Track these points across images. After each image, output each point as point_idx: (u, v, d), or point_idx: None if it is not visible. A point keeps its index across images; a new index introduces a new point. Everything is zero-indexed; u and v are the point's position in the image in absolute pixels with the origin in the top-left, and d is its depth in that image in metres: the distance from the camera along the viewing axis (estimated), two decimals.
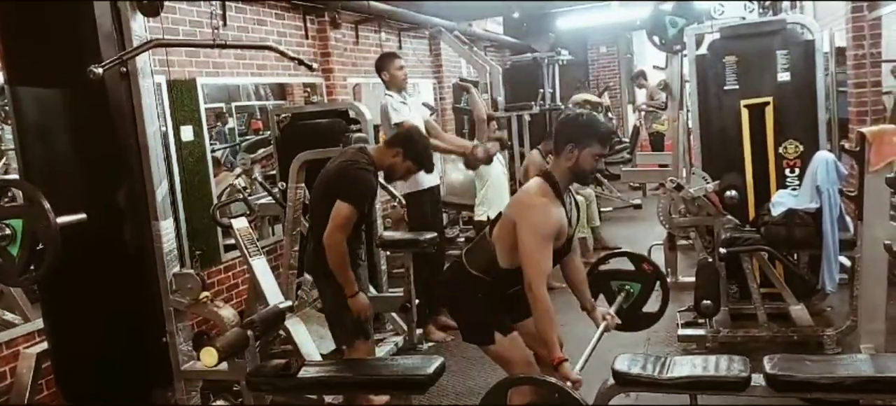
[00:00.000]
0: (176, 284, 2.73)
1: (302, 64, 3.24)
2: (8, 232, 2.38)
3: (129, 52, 2.57)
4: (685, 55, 4.62)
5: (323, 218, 3.14)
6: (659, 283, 3.06)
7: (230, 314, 2.76)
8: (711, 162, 4.34)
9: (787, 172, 4.21)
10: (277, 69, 5.53)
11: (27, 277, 2.47)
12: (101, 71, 2.43)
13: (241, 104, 6.22)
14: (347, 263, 3.12)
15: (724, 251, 3.86)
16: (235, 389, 3.07)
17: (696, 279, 3.98)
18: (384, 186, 4.73)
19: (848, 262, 3.99)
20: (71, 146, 2.66)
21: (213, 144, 5.16)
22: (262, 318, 2.75)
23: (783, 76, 4.20)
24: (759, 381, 2.37)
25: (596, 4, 9.79)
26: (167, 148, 4.24)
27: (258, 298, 3.70)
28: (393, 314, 4.40)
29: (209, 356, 2.42)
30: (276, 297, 3.41)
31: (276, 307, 2.93)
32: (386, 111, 4.54)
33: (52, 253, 2.34)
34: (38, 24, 2.54)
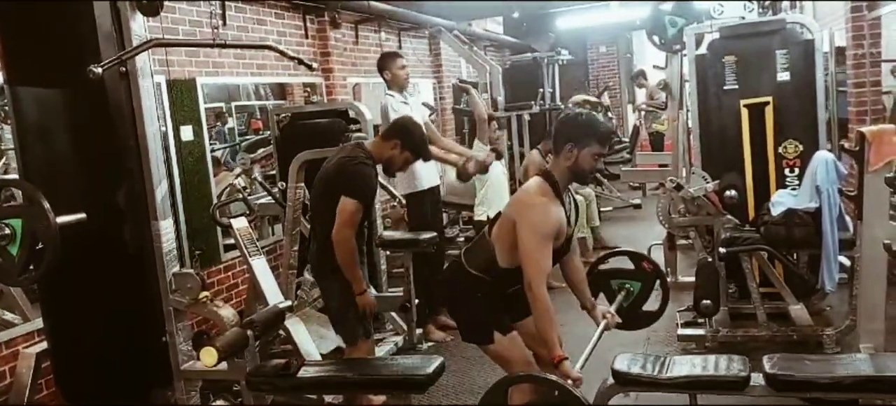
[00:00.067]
0: (175, 284, 2.73)
1: (302, 63, 3.24)
2: (7, 231, 2.39)
3: (128, 51, 2.57)
4: (685, 55, 4.63)
5: (324, 217, 3.14)
6: (659, 281, 3.07)
7: (230, 314, 2.76)
8: (711, 162, 4.34)
9: (786, 172, 4.21)
10: (277, 69, 5.53)
11: (27, 277, 2.48)
12: (100, 71, 2.43)
13: (240, 104, 6.21)
14: (357, 260, 3.14)
15: (723, 251, 3.86)
16: (235, 389, 3.07)
17: (695, 279, 3.98)
18: (384, 186, 4.73)
19: (847, 261, 3.99)
20: (70, 146, 2.66)
21: (212, 144, 5.15)
22: (261, 317, 2.75)
23: (783, 76, 4.20)
24: (758, 380, 2.38)
25: (596, 4, 9.79)
26: (167, 148, 4.24)
27: (258, 298, 3.70)
28: (392, 314, 4.39)
29: (209, 356, 2.42)
30: (275, 296, 3.41)
31: (275, 307, 2.93)
32: (387, 111, 4.54)
33: (51, 252, 2.34)
34: (37, 23, 2.54)
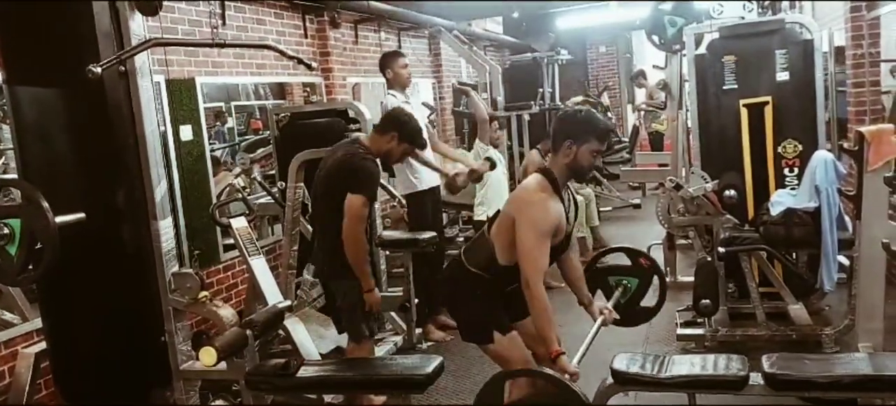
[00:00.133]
0: (175, 284, 2.73)
1: (301, 63, 3.24)
2: (7, 231, 2.39)
3: (127, 51, 2.57)
4: (684, 55, 4.62)
5: (329, 216, 3.14)
6: (656, 277, 3.06)
7: (229, 314, 2.76)
8: (710, 161, 4.34)
9: (785, 172, 4.21)
10: (277, 68, 5.52)
11: (26, 277, 2.48)
12: (99, 70, 2.43)
13: (240, 104, 6.20)
14: (367, 257, 3.14)
15: (722, 250, 3.86)
16: (234, 389, 3.07)
17: (694, 278, 3.98)
18: (384, 186, 4.73)
19: (846, 261, 3.99)
20: (70, 146, 2.66)
21: (212, 144, 5.15)
22: (261, 317, 2.76)
23: (782, 76, 4.20)
24: (757, 379, 2.38)
25: (595, 4, 9.79)
26: (166, 147, 4.24)
27: (257, 298, 3.70)
28: (392, 313, 4.40)
29: (208, 356, 2.42)
30: (275, 296, 3.42)
31: (275, 307, 2.93)
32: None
33: (50, 252, 2.35)
34: (36, 23, 2.55)
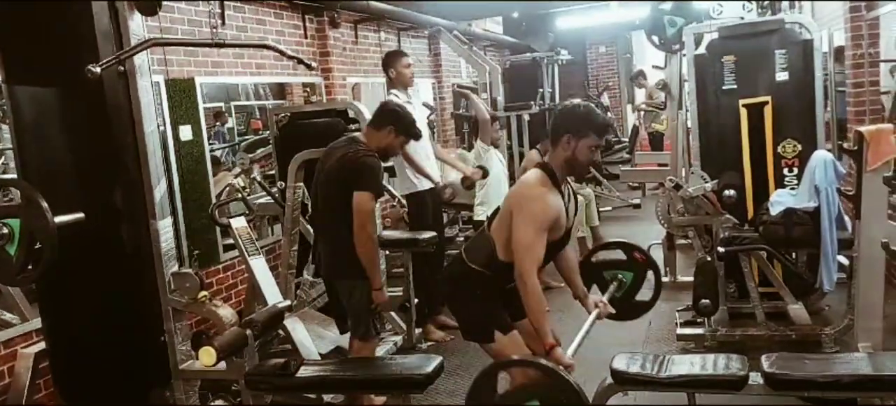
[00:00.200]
0: (174, 284, 2.73)
1: (301, 63, 3.24)
2: (6, 231, 2.39)
3: (126, 51, 2.57)
4: (684, 55, 4.62)
5: (334, 215, 3.13)
6: (651, 271, 3.06)
7: (229, 313, 2.76)
8: (710, 161, 4.34)
9: (785, 172, 4.21)
10: (276, 68, 5.52)
11: (25, 276, 2.48)
12: (98, 70, 2.43)
13: (239, 104, 6.20)
14: (378, 254, 3.14)
15: (722, 250, 3.86)
16: (234, 389, 3.07)
17: (694, 278, 3.97)
18: (384, 186, 4.73)
19: (846, 260, 3.99)
20: (69, 145, 2.67)
21: (211, 144, 5.14)
22: (260, 317, 2.76)
23: (781, 76, 4.20)
24: (757, 379, 2.38)
25: (595, 4, 9.79)
26: (165, 147, 4.23)
27: (257, 298, 3.70)
28: (392, 313, 4.40)
29: (208, 356, 2.42)
30: (274, 296, 3.42)
31: (274, 307, 2.93)
32: None
33: (49, 252, 2.34)
34: (35, 23, 2.55)
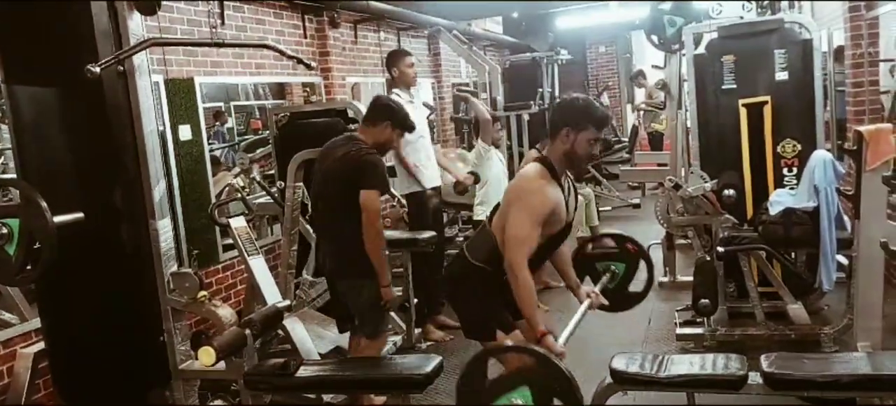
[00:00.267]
0: (173, 283, 2.73)
1: (300, 63, 3.24)
2: (5, 231, 2.39)
3: (126, 50, 2.57)
4: (683, 54, 4.62)
5: (335, 216, 3.14)
6: (644, 262, 3.05)
7: (228, 313, 2.76)
8: (709, 161, 4.34)
9: (784, 171, 4.21)
10: (276, 68, 5.52)
11: (24, 276, 2.48)
12: (98, 70, 2.43)
13: (239, 103, 6.20)
14: (386, 251, 3.14)
15: (721, 250, 3.86)
16: (233, 389, 3.07)
17: (693, 278, 3.98)
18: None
19: (845, 260, 3.99)
20: (68, 145, 2.66)
21: (211, 144, 5.14)
22: (260, 317, 2.75)
23: (781, 75, 4.20)
24: (756, 379, 2.38)
25: (595, 4, 9.79)
26: (165, 147, 4.23)
27: (256, 298, 3.70)
28: (391, 313, 4.39)
29: (207, 356, 2.42)
30: (274, 296, 3.41)
31: (274, 306, 2.93)
32: None
33: (48, 252, 2.34)
34: (35, 22, 2.54)
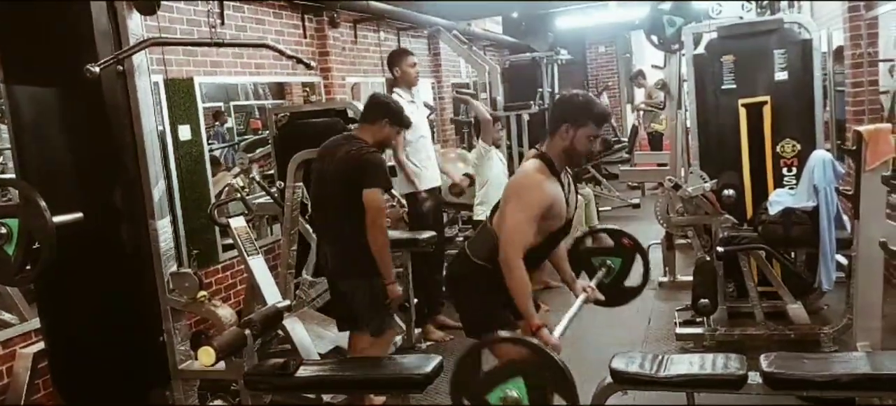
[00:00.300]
0: (173, 283, 2.73)
1: (300, 62, 3.24)
2: (4, 231, 2.38)
3: (125, 50, 2.57)
4: (683, 54, 4.62)
5: (336, 215, 3.14)
6: (639, 256, 3.05)
7: (228, 313, 2.76)
8: (709, 161, 4.34)
9: (784, 171, 4.22)
10: (276, 68, 5.52)
11: (23, 276, 2.48)
12: (97, 70, 2.43)
13: (239, 103, 6.20)
14: (390, 249, 3.15)
15: (721, 250, 3.86)
16: (233, 389, 3.07)
17: (693, 278, 3.98)
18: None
19: (844, 260, 3.99)
20: (67, 145, 2.66)
21: (210, 144, 5.14)
22: (259, 317, 2.75)
23: (781, 75, 4.20)
24: (755, 378, 2.38)
25: (594, 4, 9.80)
26: (164, 147, 4.23)
27: (256, 298, 3.70)
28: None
29: (207, 356, 2.42)
30: (273, 296, 3.41)
31: (273, 306, 2.93)
32: None
33: (48, 252, 2.34)
34: (34, 22, 2.54)
